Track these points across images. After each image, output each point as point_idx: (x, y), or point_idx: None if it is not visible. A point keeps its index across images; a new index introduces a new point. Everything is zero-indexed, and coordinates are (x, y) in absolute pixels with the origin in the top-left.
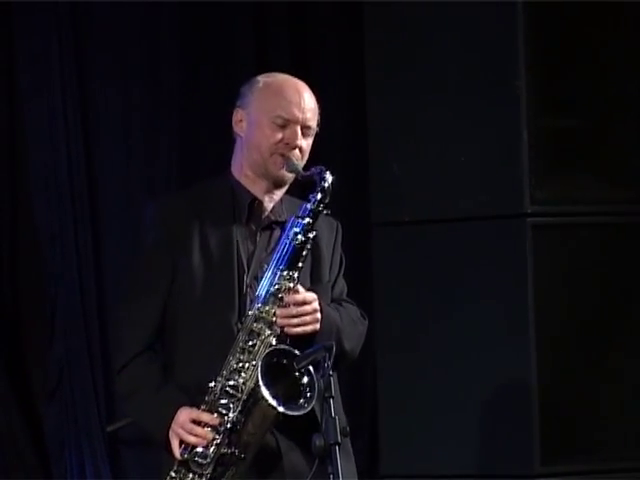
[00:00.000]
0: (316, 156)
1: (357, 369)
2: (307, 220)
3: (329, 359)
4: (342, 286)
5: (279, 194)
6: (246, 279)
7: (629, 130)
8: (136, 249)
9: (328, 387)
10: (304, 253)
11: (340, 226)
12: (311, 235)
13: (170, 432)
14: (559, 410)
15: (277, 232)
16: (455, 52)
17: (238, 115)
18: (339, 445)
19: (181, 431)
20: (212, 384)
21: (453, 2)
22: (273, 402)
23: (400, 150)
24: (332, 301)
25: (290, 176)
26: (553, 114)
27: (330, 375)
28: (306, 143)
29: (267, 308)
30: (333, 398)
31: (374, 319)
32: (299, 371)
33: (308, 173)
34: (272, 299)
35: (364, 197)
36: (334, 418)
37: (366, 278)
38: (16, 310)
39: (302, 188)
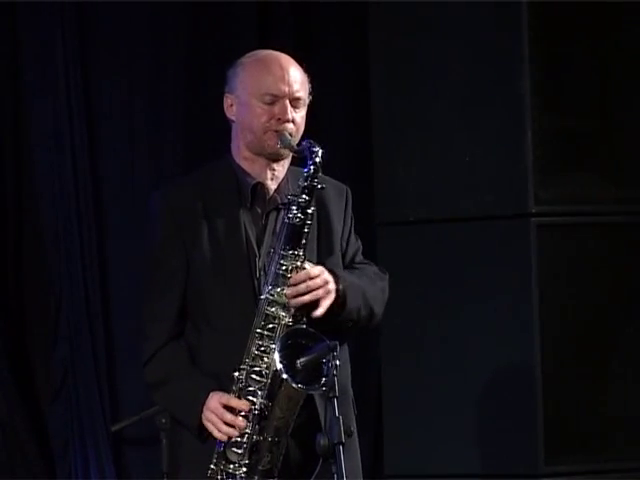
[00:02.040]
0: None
1: (361, 368)
2: (303, 197)
3: (333, 359)
4: (356, 246)
5: (281, 170)
6: (258, 263)
7: (633, 129)
8: (143, 243)
9: (332, 387)
10: (305, 230)
11: (349, 191)
12: (309, 211)
13: (204, 419)
14: (563, 410)
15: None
16: (459, 52)
17: (228, 100)
18: (343, 445)
19: (214, 418)
20: (237, 373)
21: (458, 2)
22: (294, 383)
23: (404, 150)
24: (346, 266)
25: (285, 150)
26: (557, 114)
27: (335, 375)
28: (299, 115)
29: (278, 290)
30: (337, 398)
31: None
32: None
33: (299, 148)
34: (281, 280)
35: (368, 197)
36: (338, 418)
37: None
38: (21, 310)
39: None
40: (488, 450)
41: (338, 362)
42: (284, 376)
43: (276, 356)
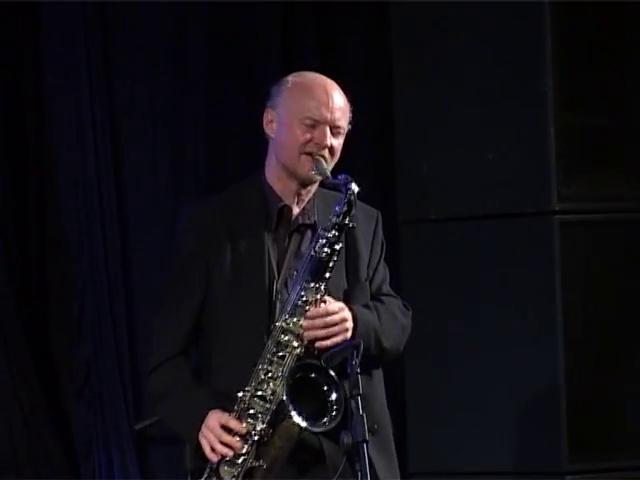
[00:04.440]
0: (343, 155)
1: (384, 368)
2: (333, 233)
3: (357, 357)
4: (383, 275)
5: (308, 194)
6: (276, 285)
7: None
8: (167, 251)
9: (355, 385)
10: (330, 265)
11: (380, 215)
12: (337, 247)
13: (200, 435)
14: (587, 408)
15: (307, 235)
16: (482, 51)
17: (268, 116)
18: (367, 443)
19: (211, 437)
20: (240, 394)
21: (480, 1)
22: (298, 419)
23: (427, 148)
24: (372, 296)
25: (319, 177)
26: (580, 111)
27: (358, 373)
28: (337, 142)
29: (294, 320)
30: (361, 396)
31: None
32: (327, 384)
33: (335, 181)
34: (299, 311)
35: (391, 195)
36: (362, 416)
37: (393, 276)
38: (44, 309)
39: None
40: (512, 448)
41: (357, 360)
42: (290, 410)
43: (284, 389)
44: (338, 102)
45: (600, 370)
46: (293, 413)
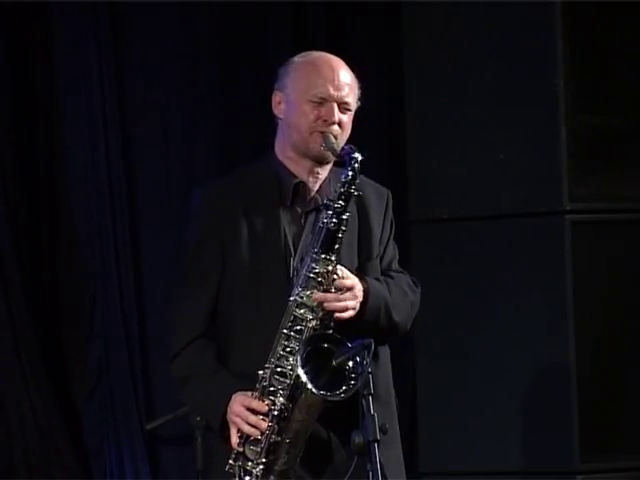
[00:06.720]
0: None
1: (396, 367)
2: (339, 203)
3: (368, 357)
4: (393, 253)
5: (324, 172)
6: (293, 263)
7: None
8: (177, 241)
9: (367, 384)
10: (339, 235)
11: (390, 194)
12: (344, 217)
13: (228, 420)
14: (598, 407)
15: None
16: (494, 51)
17: (277, 98)
18: (378, 442)
19: (238, 420)
20: (261, 372)
21: (491, 1)
22: (314, 389)
23: (438, 148)
24: (382, 272)
25: (328, 153)
26: (591, 111)
27: (369, 372)
28: (346, 118)
29: (307, 293)
30: (372, 395)
31: None
32: (339, 363)
33: (340, 152)
34: (312, 283)
35: (403, 194)
36: (373, 415)
37: None
38: (55, 309)
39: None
40: (523, 447)
41: (368, 360)
42: (304, 381)
43: (298, 361)
44: (344, 79)
45: (612, 369)
46: (309, 385)
